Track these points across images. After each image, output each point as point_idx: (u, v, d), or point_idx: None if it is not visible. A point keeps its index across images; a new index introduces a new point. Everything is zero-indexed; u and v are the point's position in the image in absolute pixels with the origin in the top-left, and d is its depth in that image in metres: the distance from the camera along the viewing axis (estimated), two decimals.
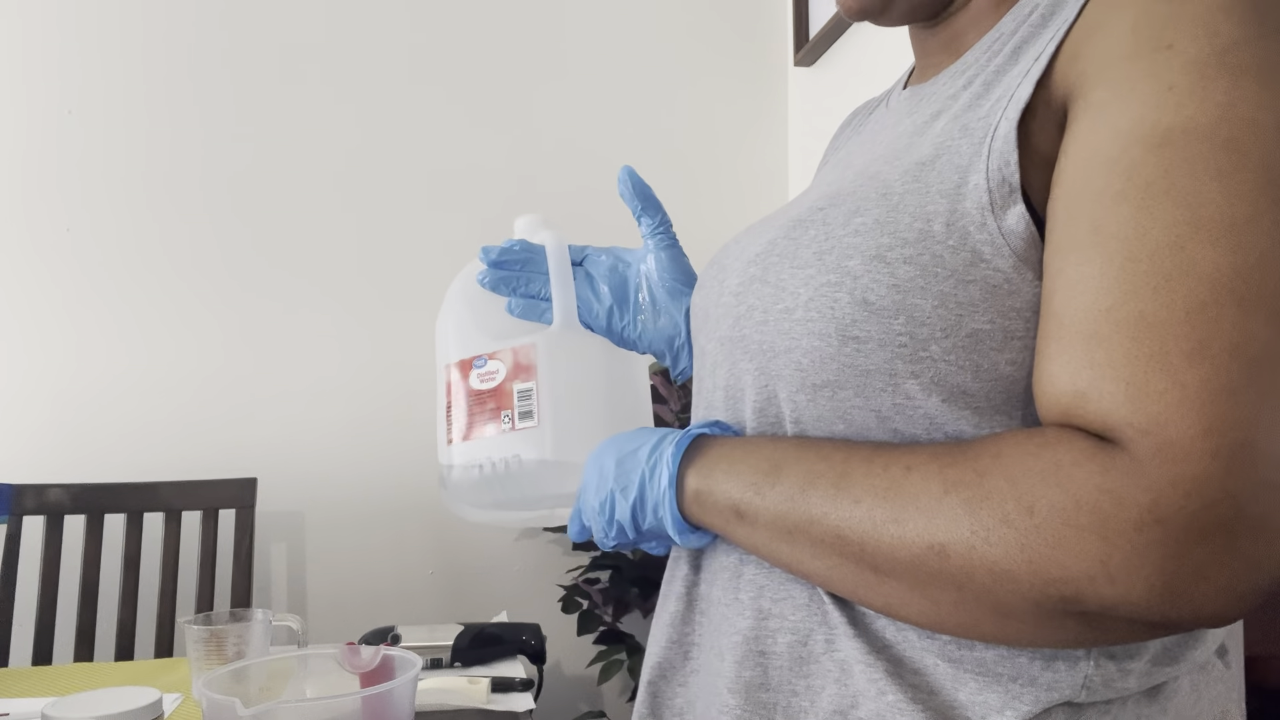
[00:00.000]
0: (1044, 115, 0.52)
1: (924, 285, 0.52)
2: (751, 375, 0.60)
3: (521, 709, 1.31)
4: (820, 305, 0.55)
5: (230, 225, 2.04)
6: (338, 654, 0.71)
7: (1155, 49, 0.48)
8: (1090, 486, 0.44)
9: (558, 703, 2.01)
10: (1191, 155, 0.46)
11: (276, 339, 2.05)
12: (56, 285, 1.96)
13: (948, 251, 0.52)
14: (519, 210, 1.69)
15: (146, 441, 1.97)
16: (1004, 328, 0.52)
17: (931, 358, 0.52)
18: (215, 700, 0.60)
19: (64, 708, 0.87)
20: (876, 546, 0.50)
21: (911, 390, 0.53)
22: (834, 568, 0.53)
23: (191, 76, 2.03)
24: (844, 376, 0.54)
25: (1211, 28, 0.47)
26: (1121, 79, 0.49)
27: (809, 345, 0.55)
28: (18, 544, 1.72)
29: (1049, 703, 0.52)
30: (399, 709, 0.65)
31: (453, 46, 2.15)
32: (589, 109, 2.22)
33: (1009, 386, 0.52)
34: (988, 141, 0.53)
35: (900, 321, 0.52)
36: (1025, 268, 0.51)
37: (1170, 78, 0.47)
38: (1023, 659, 0.52)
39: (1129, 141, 0.47)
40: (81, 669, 1.40)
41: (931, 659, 0.54)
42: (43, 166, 1.96)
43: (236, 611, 1.18)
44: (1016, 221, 0.51)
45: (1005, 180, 0.51)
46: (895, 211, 0.54)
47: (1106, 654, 0.52)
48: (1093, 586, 0.44)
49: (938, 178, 0.54)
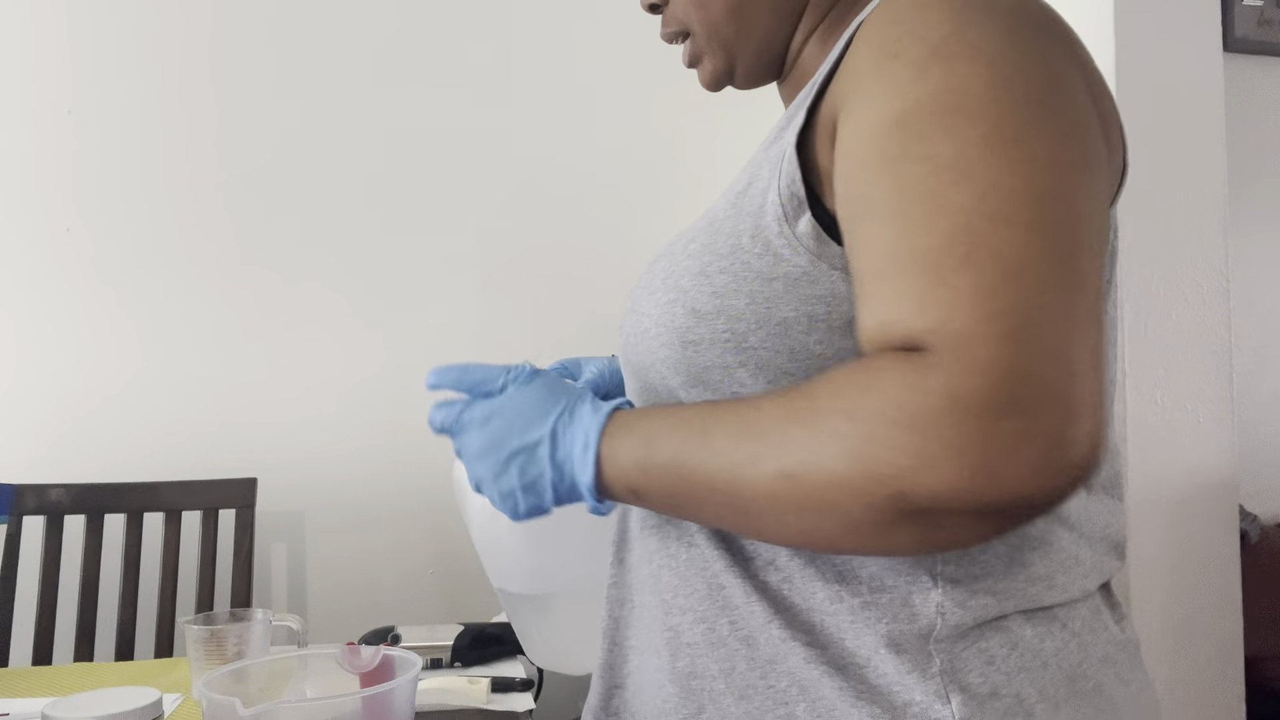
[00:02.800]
0: (820, 135, 0.61)
1: (736, 288, 0.62)
2: (635, 391, 0.71)
3: (521, 709, 1.31)
4: (664, 320, 0.65)
5: (230, 225, 2.04)
6: (338, 654, 0.71)
7: (886, 59, 0.57)
8: (898, 383, 0.49)
9: (558, 703, 2.01)
10: (921, 125, 0.54)
11: (276, 339, 2.05)
12: (56, 285, 1.96)
13: (754, 258, 0.61)
14: (520, 211, 1.70)
15: (146, 441, 1.97)
16: (808, 313, 0.60)
17: (752, 347, 0.61)
18: (215, 700, 0.60)
19: (64, 708, 0.87)
20: (740, 488, 0.55)
21: (743, 378, 0.62)
22: (719, 518, 0.60)
23: (192, 76, 2.03)
24: (692, 375, 0.64)
25: (923, 32, 0.57)
26: (864, 89, 0.58)
27: (663, 355, 0.65)
28: (18, 544, 1.72)
29: (916, 633, 0.59)
30: (399, 709, 0.65)
31: (456, 49, 2.15)
32: (595, 110, 2.22)
33: (821, 364, 0.61)
34: (780, 165, 0.62)
35: (722, 321, 0.62)
36: (820, 261, 0.60)
37: (898, 76, 0.56)
38: (884, 598, 0.60)
39: (875, 129, 0.56)
40: (81, 669, 1.39)
41: (820, 607, 0.61)
42: (43, 166, 1.96)
43: (236, 611, 1.17)
44: (806, 226, 0.60)
45: (794, 195, 0.60)
46: (715, 235, 0.65)
47: (950, 581, 0.60)
48: (915, 477, 0.48)
49: (748, 202, 0.64)
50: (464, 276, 2.14)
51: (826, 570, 0.62)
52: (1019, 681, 0.59)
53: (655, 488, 0.60)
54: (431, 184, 2.13)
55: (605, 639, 0.75)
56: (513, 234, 2.17)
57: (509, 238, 2.17)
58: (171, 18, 2.03)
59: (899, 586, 0.60)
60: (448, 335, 2.11)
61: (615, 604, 0.74)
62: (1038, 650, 0.61)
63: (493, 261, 2.16)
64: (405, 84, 2.13)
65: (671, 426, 0.59)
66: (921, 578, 0.60)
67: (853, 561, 0.61)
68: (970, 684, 0.59)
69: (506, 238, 2.17)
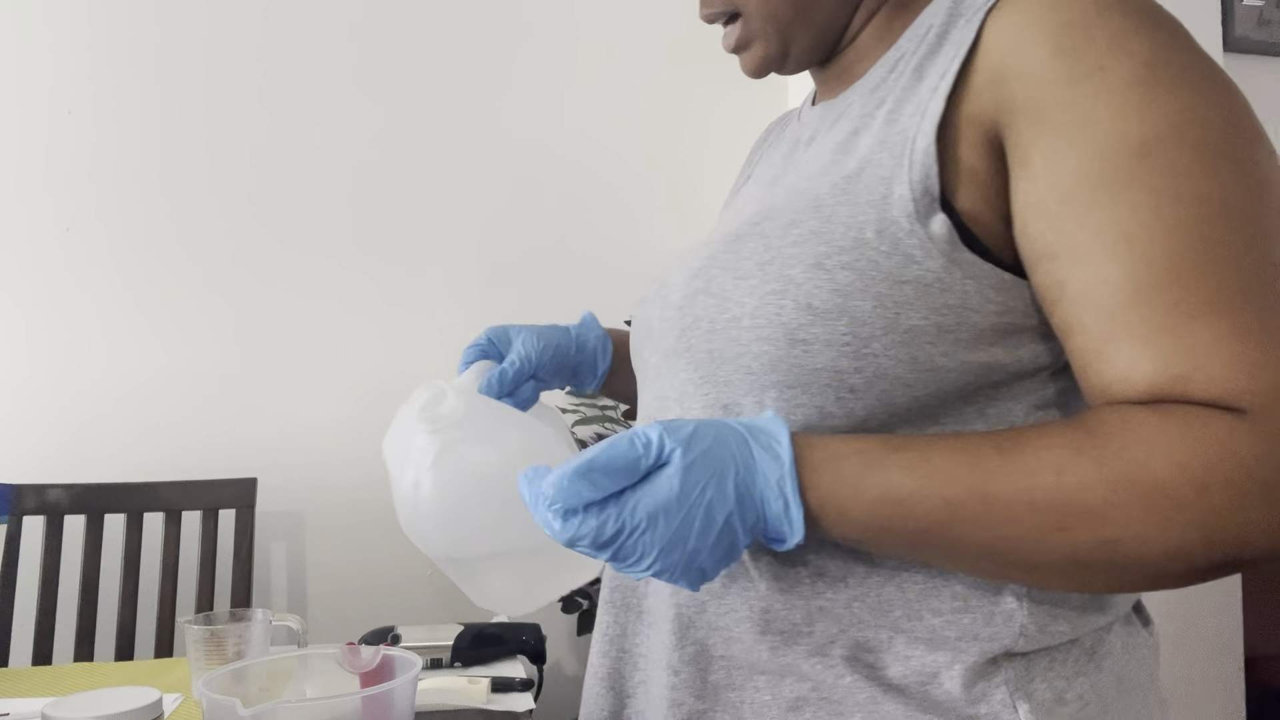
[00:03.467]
0: (967, 130, 0.58)
1: (863, 287, 0.57)
2: (695, 384, 0.64)
3: (521, 709, 1.31)
4: (767, 312, 0.59)
5: (230, 225, 2.04)
6: (338, 654, 0.71)
7: (1090, 72, 0.54)
8: (1243, 450, 0.48)
9: (558, 703, 2.01)
10: (1171, 158, 0.52)
11: (276, 339, 2.05)
12: (56, 285, 1.96)
13: (881, 256, 0.57)
14: (520, 211, 1.69)
15: (146, 441, 1.97)
16: (937, 323, 0.57)
17: (873, 354, 0.57)
18: (215, 700, 0.60)
19: (64, 708, 0.87)
20: (1033, 550, 0.51)
21: (855, 384, 0.58)
22: (984, 571, 0.56)
23: (191, 76, 2.03)
24: (792, 376, 0.58)
25: (1127, 48, 0.54)
26: (1071, 103, 0.55)
27: (758, 350, 0.59)
28: (18, 544, 1.72)
29: (992, 653, 0.58)
30: (399, 709, 0.65)
31: (457, 48, 2.15)
32: (596, 110, 2.22)
33: (942, 376, 0.58)
34: (907, 154, 0.58)
35: (844, 322, 0.57)
36: (954, 267, 0.57)
37: (1120, 96, 0.54)
38: (965, 619, 0.58)
39: (1109, 156, 0.53)
40: (81, 669, 1.39)
41: (892, 624, 0.59)
42: (42, 166, 1.96)
43: (236, 611, 1.17)
44: (940, 226, 0.57)
45: (927, 190, 0.57)
46: (828, 222, 0.59)
47: (1033, 599, 0.59)
48: (1268, 551, 0.49)
49: (864, 189, 0.59)
50: (464, 276, 2.14)
51: (909, 589, 0.59)
52: (1079, 685, 0.60)
53: (898, 528, 0.53)
54: (431, 184, 2.13)
55: (611, 645, 0.71)
56: (513, 234, 2.17)
57: (509, 238, 2.17)
58: (170, 17, 2.02)
59: (983, 607, 0.59)
60: (448, 335, 2.11)
61: (620, 609, 0.71)
62: (1092, 654, 0.61)
63: (492, 262, 2.16)
64: (405, 83, 2.13)
65: (916, 489, 0.53)
66: (1007, 599, 0.59)
67: (936, 580, 0.59)
68: (1036, 691, 0.59)
69: (506, 238, 2.17)
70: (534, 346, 0.82)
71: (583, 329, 0.87)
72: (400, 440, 0.75)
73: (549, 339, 0.83)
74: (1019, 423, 0.60)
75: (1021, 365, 0.59)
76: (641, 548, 0.52)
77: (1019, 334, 0.59)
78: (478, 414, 0.74)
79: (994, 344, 0.58)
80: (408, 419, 0.74)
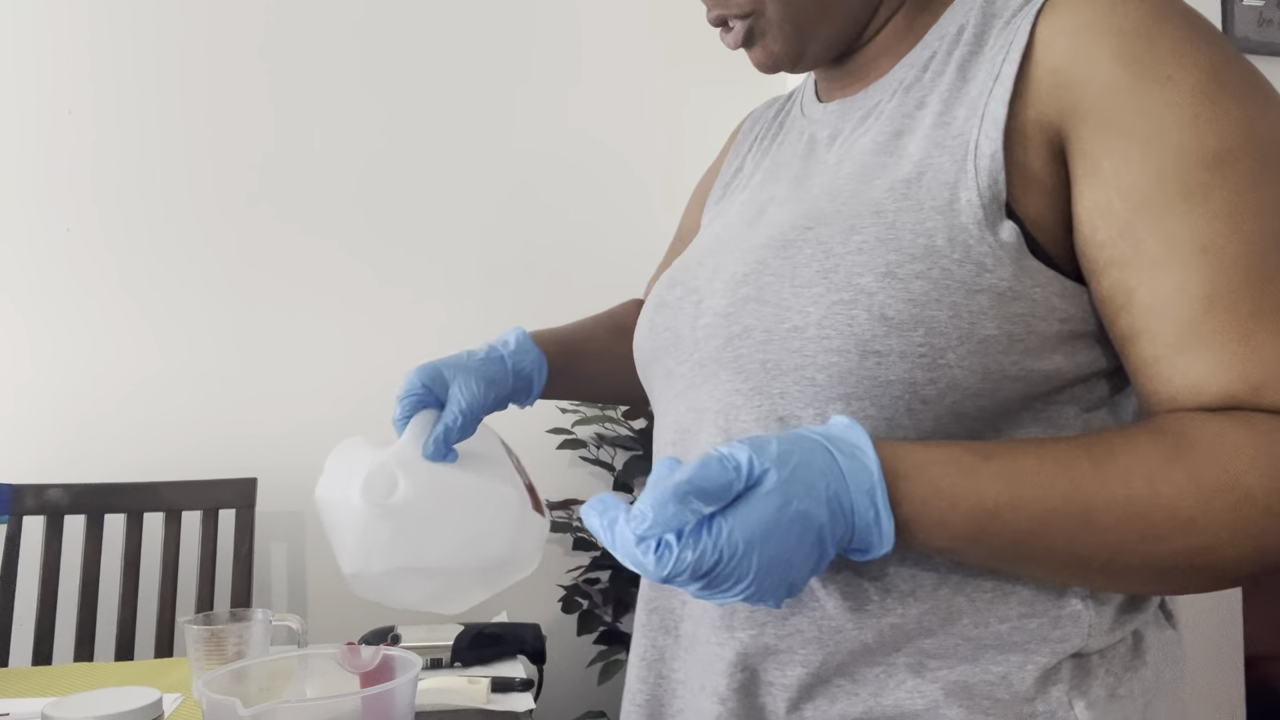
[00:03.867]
0: (1029, 136, 0.58)
1: (939, 297, 0.56)
2: (745, 395, 0.61)
3: (521, 709, 1.31)
4: (836, 322, 0.57)
5: (230, 225, 2.04)
6: (338, 654, 0.71)
7: (1158, 80, 0.55)
8: None
9: (558, 703, 2.01)
10: (1243, 169, 0.53)
11: (277, 339, 2.05)
12: (56, 285, 1.96)
13: (954, 264, 0.56)
14: (521, 211, 1.69)
15: (146, 441, 1.97)
16: (1008, 332, 0.56)
17: (947, 365, 0.56)
18: (215, 700, 0.60)
19: (64, 708, 0.87)
20: (1124, 558, 0.52)
21: (928, 395, 0.57)
22: (1067, 578, 0.57)
23: (191, 76, 2.03)
24: (862, 389, 0.57)
25: (1192, 58, 0.55)
26: (1142, 110, 0.55)
27: (824, 361, 0.58)
28: (18, 544, 1.72)
29: (1062, 654, 0.59)
30: (399, 709, 0.65)
31: (458, 48, 2.15)
32: (598, 111, 2.22)
33: (1009, 386, 0.57)
34: (971, 160, 0.58)
35: (920, 333, 0.56)
36: (1024, 275, 0.56)
37: (1190, 106, 0.54)
38: (1032, 623, 0.58)
39: (1183, 165, 0.54)
40: (81, 669, 1.39)
41: (954, 641, 0.59)
42: (42, 166, 1.96)
43: (236, 611, 1.17)
44: (1009, 234, 0.56)
45: (995, 197, 0.57)
46: (893, 229, 0.58)
47: (1097, 600, 0.60)
48: None
49: (927, 195, 0.58)
50: (464, 276, 2.14)
51: (978, 598, 0.59)
52: (1128, 681, 0.61)
53: (991, 538, 0.53)
54: (433, 185, 2.13)
55: (649, 670, 0.69)
56: (513, 234, 2.17)
57: (509, 238, 2.17)
58: (170, 17, 2.02)
59: (1049, 610, 0.59)
60: (448, 334, 2.11)
61: (657, 631, 0.69)
62: (1136, 650, 0.62)
63: (493, 261, 2.16)
64: (405, 83, 2.13)
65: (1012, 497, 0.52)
66: (1072, 602, 0.59)
67: (1004, 586, 0.59)
68: (1091, 688, 0.59)
69: (506, 238, 2.17)
70: (474, 395, 0.76)
71: (519, 355, 0.83)
72: (342, 505, 0.72)
73: (488, 379, 0.78)
74: (1070, 426, 0.60)
75: (1078, 371, 0.60)
76: (738, 574, 0.49)
77: (1078, 339, 0.59)
78: (425, 491, 0.72)
79: (1056, 351, 0.58)
80: (350, 488, 0.71)
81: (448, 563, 0.73)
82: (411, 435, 0.74)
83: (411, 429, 0.74)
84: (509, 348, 0.83)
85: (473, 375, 0.77)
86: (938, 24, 0.66)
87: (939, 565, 0.59)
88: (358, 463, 0.73)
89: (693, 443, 0.65)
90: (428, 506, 0.72)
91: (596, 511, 0.51)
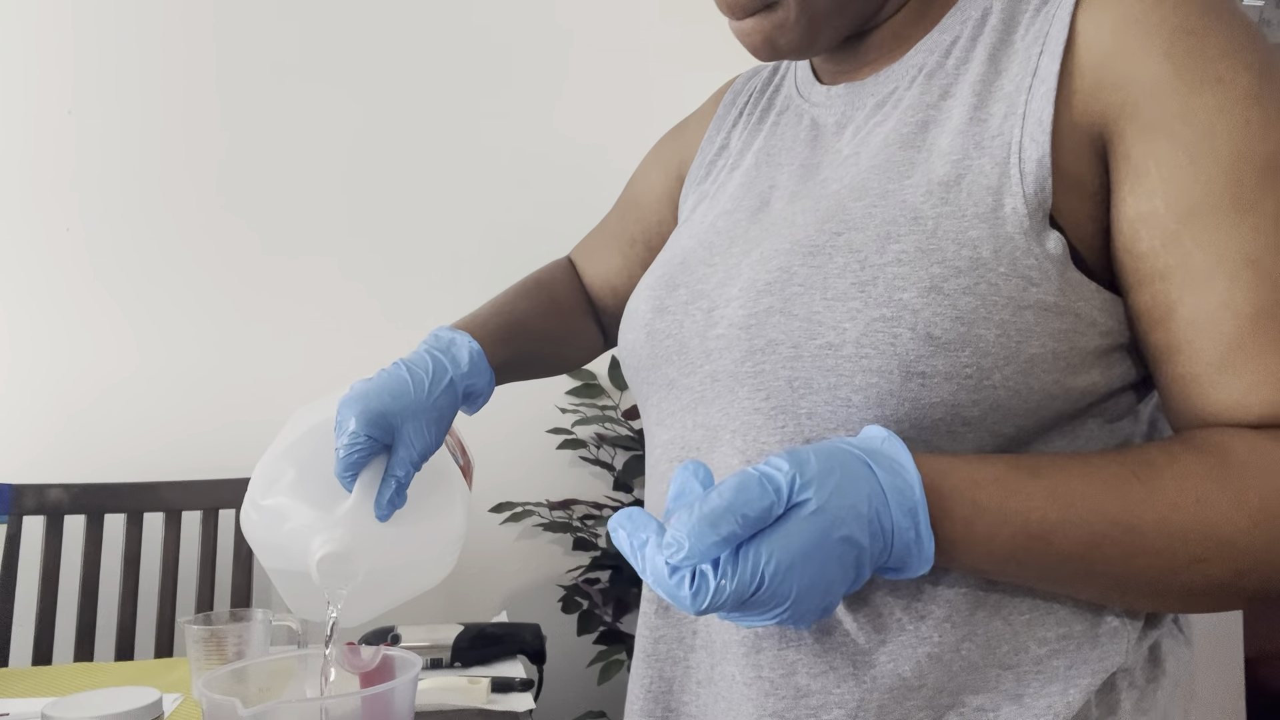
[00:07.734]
0: (1071, 137, 0.55)
1: (986, 315, 0.52)
2: (766, 414, 0.57)
3: (521, 709, 1.31)
4: (876, 341, 0.53)
5: (231, 225, 2.04)
6: (338, 654, 0.71)
7: (1207, 82, 0.52)
8: None
9: (558, 703, 2.01)
10: None
11: (277, 339, 2.05)
12: (56, 285, 1.96)
13: (1000, 278, 0.53)
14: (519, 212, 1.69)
15: (146, 441, 1.97)
16: (1053, 350, 0.53)
17: (993, 385, 0.53)
18: (215, 700, 0.60)
19: (64, 708, 0.87)
20: (1168, 580, 0.51)
21: (970, 417, 0.53)
22: (1109, 598, 0.55)
23: (191, 76, 2.03)
24: (902, 411, 0.53)
25: (1241, 59, 0.53)
26: (1192, 114, 0.52)
27: (862, 382, 0.54)
28: (18, 544, 1.72)
29: (1104, 673, 0.57)
30: (399, 709, 0.65)
31: (458, 48, 2.15)
32: (597, 110, 2.22)
33: (1048, 404, 0.55)
34: (1015, 164, 0.54)
35: (967, 353, 0.52)
36: (1068, 289, 0.53)
37: (1241, 112, 0.52)
38: (1071, 645, 0.57)
39: (1233, 175, 0.52)
40: (81, 669, 1.39)
41: (994, 672, 0.56)
42: (43, 166, 1.96)
43: (236, 611, 1.18)
44: (1055, 245, 0.53)
45: (1041, 205, 0.53)
46: (934, 238, 0.54)
47: (1131, 615, 0.58)
48: None
49: (969, 201, 0.54)
50: (464, 276, 2.14)
51: (1015, 621, 0.57)
52: (1150, 693, 0.60)
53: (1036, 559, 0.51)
54: (432, 186, 2.13)
55: (655, 704, 0.65)
56: (513, 234, 2.17)
57: (509, 238, 2.16)
58: (171, 17, 2.02)
59: (1085, 630, 0.58)
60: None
61: (664, 663, 0.65)
62: (1158, 661, 0.62)
63: (493, 262, 2.16)
64: (406, 82, 2.13)
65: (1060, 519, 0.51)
66: (1108, 619, 0.58)
67: (1041, 607, 0.57)
68: (1120, 703, 0.59)
69: (507, 238, 2.17)
70: (425, 443, 0.70)
71: (471, 377, 0.75)
72: (297, 574, 0.70)
73: (439, 418, 0.71)
74: (1094, 437, 0.58)
75: (1110, 385, 0.58)
76: (776, 600, 0.46)
77: (1114, 353, 0.57)
78: (381, 557, 0.70)
79: (1093, 367, 0.56)
80: (305, 561, 0.68)
81: (400, 598, 0.76)
82: (361, 496, 0.70)
83: (360, 490, 0.70)
84: (461, 368, 0.74)
85: (423, 420, 0.70)
86: (956, 7, 0.63)
87: (974, 584, 0.56)
88: (302, 528, 0.70)
89: (705, 462, 0.60)
90: (384, 565, 0.71)
91: (626, 530, 0.48)
